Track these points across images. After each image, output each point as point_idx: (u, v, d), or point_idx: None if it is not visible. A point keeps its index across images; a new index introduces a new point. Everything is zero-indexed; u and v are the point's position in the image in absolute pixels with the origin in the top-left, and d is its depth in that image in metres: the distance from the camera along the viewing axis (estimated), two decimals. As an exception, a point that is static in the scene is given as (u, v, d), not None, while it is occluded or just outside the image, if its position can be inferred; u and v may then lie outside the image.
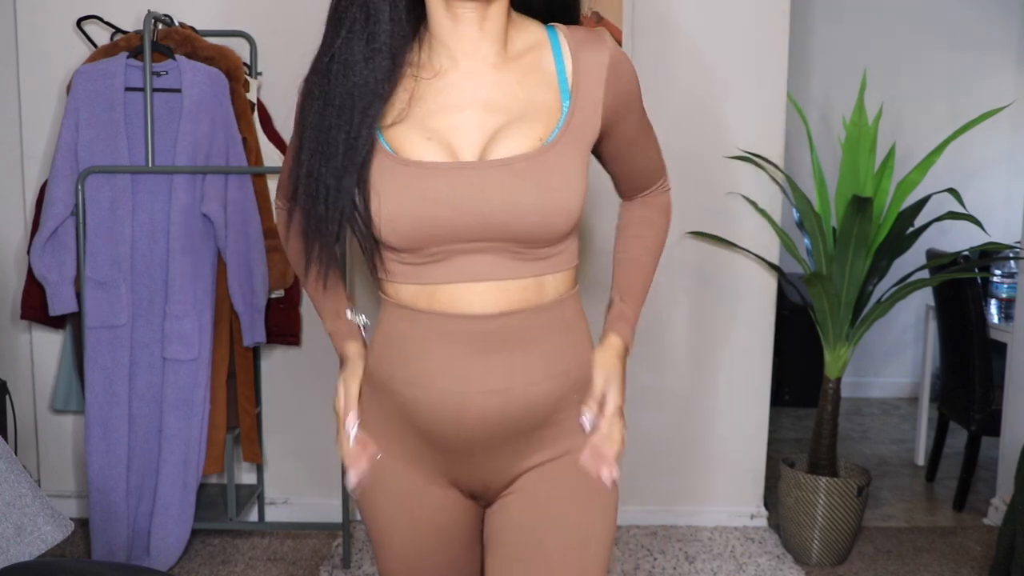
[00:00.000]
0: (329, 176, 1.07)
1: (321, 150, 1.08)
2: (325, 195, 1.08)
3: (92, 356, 2.57)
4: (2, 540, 1.65)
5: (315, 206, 1.09)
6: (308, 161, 1.09)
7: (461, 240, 1.08)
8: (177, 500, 2.61)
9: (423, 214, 1.07)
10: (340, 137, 1.07)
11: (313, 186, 1.08)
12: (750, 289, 2.95)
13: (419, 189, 1.07)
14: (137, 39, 2.59)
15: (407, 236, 1.08)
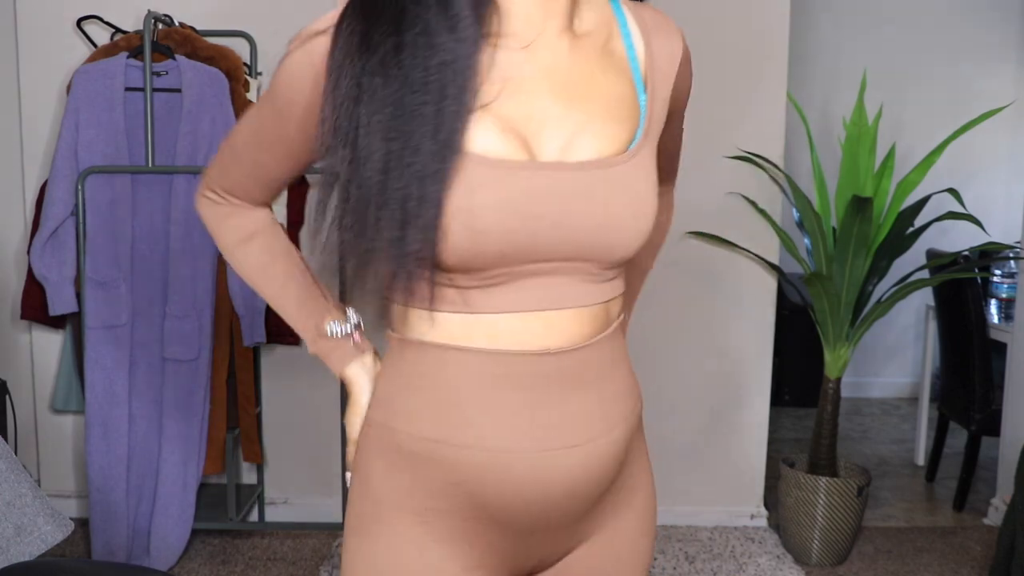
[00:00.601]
0: (410, 184, 0.81)
1: (394, 151, 0.81)
2: (402, 210, 0.81)
3: (92, 356, 2.57)
4: (2, 540, 1.65)
5: (382, 225, 0.81)
6: (368, 167, 0.81)
7: (538, 259, 0.86)
8: (177, 500, 2.61)
9: (504, 226, 0.84)
10: (426, 133, 0.81)
11: (380, 198, 0.81)
12: (750, 289, 2.95)
13: (501, 194, 0.84)
14: (137, 39, 2.59)
15: (477, 253, 0.84)
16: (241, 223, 1.04)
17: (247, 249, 1.04)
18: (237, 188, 1.02)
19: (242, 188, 1.02)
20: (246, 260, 1.04)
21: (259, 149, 0.97)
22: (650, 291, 3.17)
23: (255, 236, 1.04)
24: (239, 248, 1.04)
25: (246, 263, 1.04)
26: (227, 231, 1.04)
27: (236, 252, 1.04)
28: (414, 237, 0.81)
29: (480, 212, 0.83)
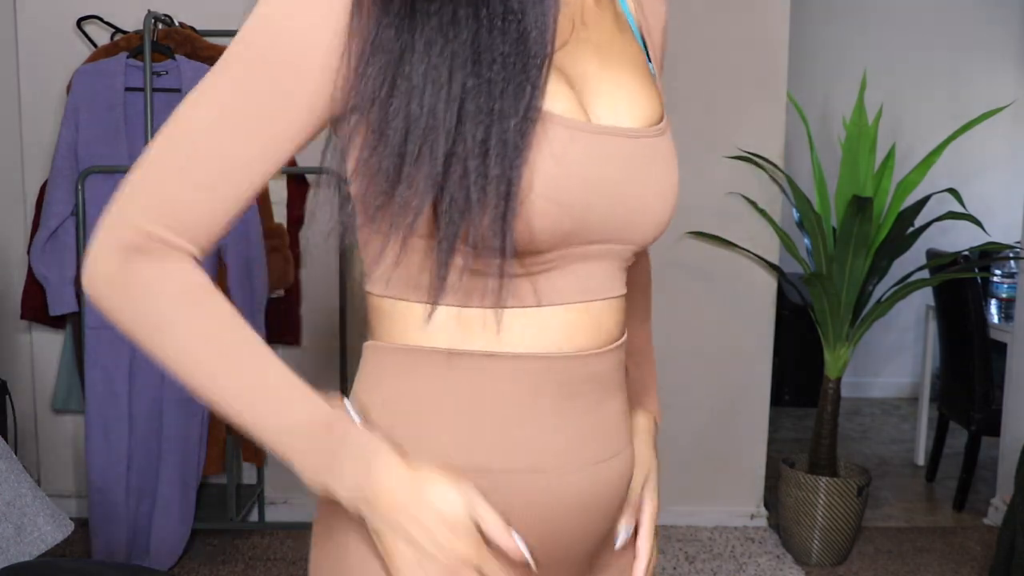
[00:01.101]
0: (489, 138, 0.66)
1: (469, 100, 0.66)
2: (481, 186, 0.66)
3: (92, 356, 2.57)
4: (2, 540, 1.65)
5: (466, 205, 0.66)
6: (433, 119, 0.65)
7: (592, 239, 0.74)
8: (177, 500, 2.61)
9: (582, 199, 0.71)
10: (505, 78, 0.66)
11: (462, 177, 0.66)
12: (750, 289, 2.95)
13: (580, 160, 0.72)
14: (137, 39, 2.59)
15: (552, 231, 0.71)
16: (184, 278, 0.70)
17: (194, 316, 0.72)
18: (187, 216, 0.69)
19: (195, 214, 0.69)
20: (195, 334, 0.72)
21: (233, 139, 0.68)
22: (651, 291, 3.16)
23: (204, 297, 0.72)
24: (182, 313, 0.71)
25: (196, 339, 0.72)
26: (163, 291, 0.70)
27: (177, 324, 0.72)
28: (494, 209, 0.66)
29: (565, 181, 0.70)
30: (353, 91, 0.67)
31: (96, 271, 0.72)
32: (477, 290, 0.71)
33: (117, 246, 0.70)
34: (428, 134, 0.66)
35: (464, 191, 0.66)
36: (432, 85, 0.66)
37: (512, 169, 0.66)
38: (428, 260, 0.70)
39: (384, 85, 0.66)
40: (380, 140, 0.67)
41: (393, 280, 0.74)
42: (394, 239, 0.68)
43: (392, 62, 0.66)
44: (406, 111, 0.66)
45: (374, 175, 0.67)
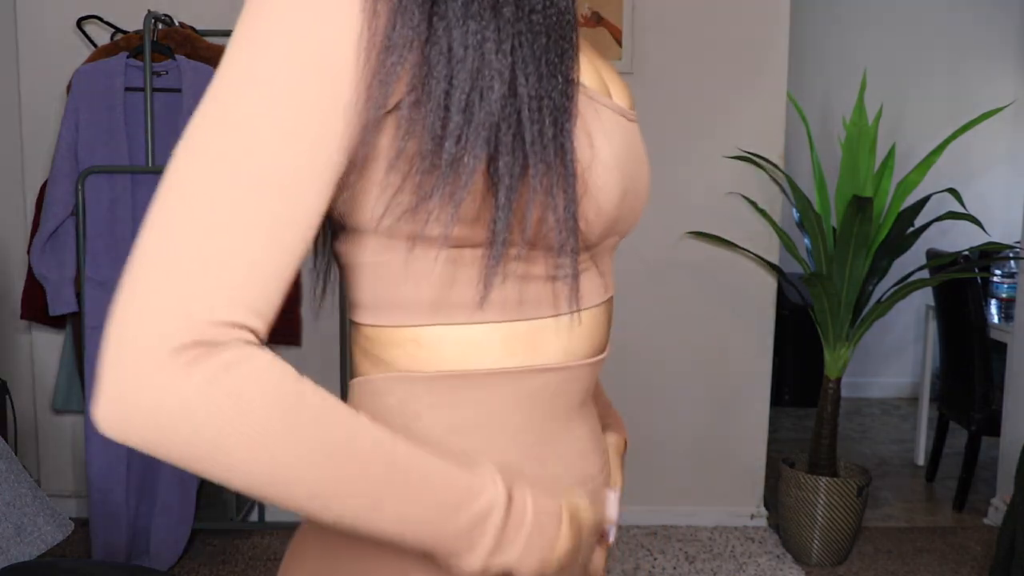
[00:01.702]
0: (546, 122, 0.62)
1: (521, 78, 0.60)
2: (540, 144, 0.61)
3: (92, 356, 2.57)
4: (2, 540, 1.65)
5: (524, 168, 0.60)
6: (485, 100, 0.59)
7: (620, 231, 0.73)
8: (177, 500, 2.61)
9: (624, 185, 0.68)
10: (555, 85, 0.62)
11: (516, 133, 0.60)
12: (750, 289, 2.95)
13: (623, 143, 0.69)
14: (137, 39, 2.59)
15: (609, 218, 0.68)
16: (280, 375, 0.55)
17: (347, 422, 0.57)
18: (269, 297, 0.55)
19: (275, 292, 0.55)
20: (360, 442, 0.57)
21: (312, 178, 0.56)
22: (650, 291, 3.18)
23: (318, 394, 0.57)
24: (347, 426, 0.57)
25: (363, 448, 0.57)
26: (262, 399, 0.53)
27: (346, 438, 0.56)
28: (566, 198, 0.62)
29: (618, 165, 0.67)
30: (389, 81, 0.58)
31: (153, 362, 0.51)
32: (530, 299, 0.66)
33: (170, 352, 0.51)
34: (477, 78, 0.59)
35: (520, 152, 0.60)
36: (472, 24, 0.59)
37: (563, 133, 0.62)
38: (475, 271, 0.63)
39: (417, 43, 0.58)
40: (423, 96, 0.58)
41: (423, 303, 0.65)
42: (443, 209, 0.59)
43: (422, 31, 0.58)
44: (448, 61, 0.58)
45: (420, 137, 0.59)
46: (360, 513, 0.56)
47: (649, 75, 2.85)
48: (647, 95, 2.84)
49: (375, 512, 0.57)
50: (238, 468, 0.53)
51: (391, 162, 0.60)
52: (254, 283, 0.54)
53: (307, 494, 0.55)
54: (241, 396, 0.52)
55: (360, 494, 0.56)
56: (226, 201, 0.53)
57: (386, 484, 0.57)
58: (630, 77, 2.84)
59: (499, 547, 0.60)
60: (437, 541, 0.59)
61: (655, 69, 2.85)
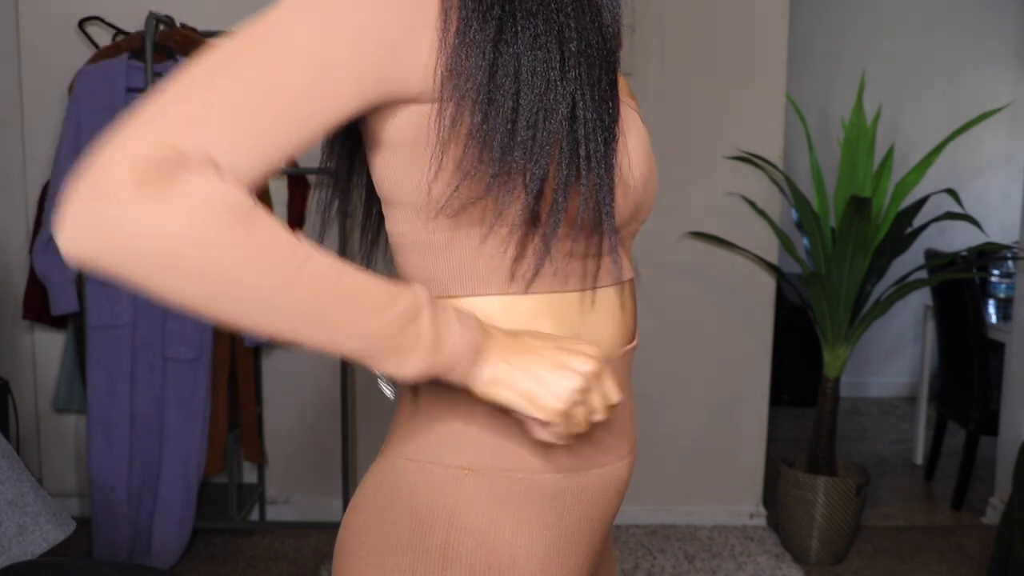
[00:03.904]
0: (606, 121, 0.72)
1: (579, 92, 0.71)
2: (596, 145, 0.71)
3: (94, 356, 2.58)
4: (4, 539, 1.66)
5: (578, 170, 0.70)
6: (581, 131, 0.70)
7: (642, 216, 0.83)
8: (178, 499, 2.62)
9: (651, 174, 0.81)
10: (606, 109, 0.72)
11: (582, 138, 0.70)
12: (749, 289, 2.96)
13: (641, 136, 0.80)
14: (139, 40, 2.59)
15: (637, 204, 0.79)
16: (228, 192, 0.61)
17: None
18: (234, 141, 0.62)
19: (244, 145, 0.62)
20: (316, 265, 0.64)
21: (306, 83, 0.63)
22: (650, 291, 3.19)
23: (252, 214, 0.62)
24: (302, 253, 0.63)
25: (317, 270, 0.64)
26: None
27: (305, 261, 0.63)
28: (603, 170, 0.72)
29: (644, 157, 0.79)
30: (450, 74, 0.67)
31: (105, 180, 0.58)
32: (574, 273, 0.75)
33: (132, 164, 0.58)
34: (543, 100, 0.68)
35: (584, 151, 0.70)
36: (539, 53, 0.68)
37: (611, 152, 0.72)
38: (523, 246, 0.72)
39: (486, 60, 0.67)
40: (491, 108, 0.67)
41: (458, 275, 0.74)
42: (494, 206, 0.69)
43: (491, 39, 0.67)
44: (515, 79, 0.68)
45: (486, 143, 0.68)
46: (295, 323, 0.63)
47: (649, 75, 2.86)
48: (647, 95, 2.84)
49: (311, 320, 0.63)
50: (181, 279, 0.58)
51: (451, 155, 0.69)
52: (234, 138, 0.61)
53: (246, 302, 0.60)
54: (191, 208, 0.58)
55: (295, 302, 0.62)
56: (235, 75, 0.62)
57: (319, 291, 0.62)
58: (630, 78, 2.84)
59: (436, 345, 0.66)
60: (369, 344, 0.65)
61: (655, 69, 2.86)
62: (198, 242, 0.58)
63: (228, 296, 0.60)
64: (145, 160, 0.57)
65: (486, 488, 0.74)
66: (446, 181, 0.70)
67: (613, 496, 0.81)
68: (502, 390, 0.69)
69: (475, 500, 0.73)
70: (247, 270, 0.59)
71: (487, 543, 0.73)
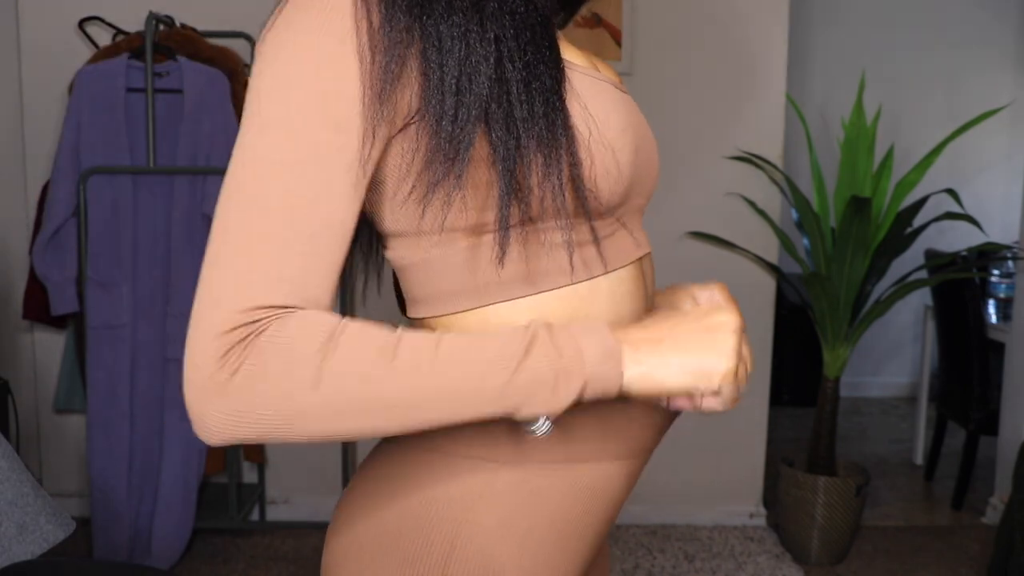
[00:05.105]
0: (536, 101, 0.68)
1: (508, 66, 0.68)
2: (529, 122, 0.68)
3: (94, 356, 2.58)
4: (4, 539, 1.66)
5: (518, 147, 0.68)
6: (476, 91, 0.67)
7: (641, 192, 0.79)
8: (179, 499, 2.62)
9: (641, 148, 0.76)
10: (534, 52, 0.69)
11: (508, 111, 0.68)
12: (749, 289, 2.96)
13: (627, 110, 0.76)
14: (139, 40, 2.60)
15: (627, 178, 0.74)
16: (319, 321, 0.63)
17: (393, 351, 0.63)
18: (301, 283, 0.63)
19: (314, 284, 0.64)
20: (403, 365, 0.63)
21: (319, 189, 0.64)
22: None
23: (353, 331, 0.64)
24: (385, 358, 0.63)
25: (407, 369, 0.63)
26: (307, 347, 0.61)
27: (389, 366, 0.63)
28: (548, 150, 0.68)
29: (629, 126, 0.74)
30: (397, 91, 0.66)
31: (202, 386, 0.60)
32: (556, 268, 0.72)
33: (220, 343, 0.60)
34: (465, 63, 0.66)
35: (513, 128, 0.67)
36: (456, 17, 0.66)
37: (555, 111, 0.68)
38: (508, 243, 0.70)
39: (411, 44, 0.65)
40: (425, 83, 0.66)
41: (461, 290, 0.72)
42: (452, 192, 0.67)
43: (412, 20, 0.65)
44: (439, 51, 0.66)
45: (430, 122, 0.66)
46: (422, 413, 0.63)
47: (649, 76, 2.86)
48: (646, 96, 2.84)
49: (434, 404, 0.63)
50: (305, 426, 0.61)
51: (405, 165, 0.68)
52: (289, 275, 0.62)
53: (381, 418, 0.62)
54: (267, 364, 0.60)
55: (404, 393, 0.62)
56: (258, 220, 0.62)
57: (423, 377, 0.62)
58: (630, 78, 2.85)
59: (570, 367, 0.64)
60: (506, 398, 0.64)
61: (655, 70, 2.86)
62: (295, 384, 0.60)
63: (348, 417, 0.62)
64: (221, 342, 0.60)
65: (486, 477, 0.73)
66: (414, 185, 0.69)
67: (617, 491, 0.79)
68: (664, 380, 0.68)
69: (480, 490, 0.73)
70: (346, 388, 0.61)
71: (483, 532, 0.73)
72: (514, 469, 0.73)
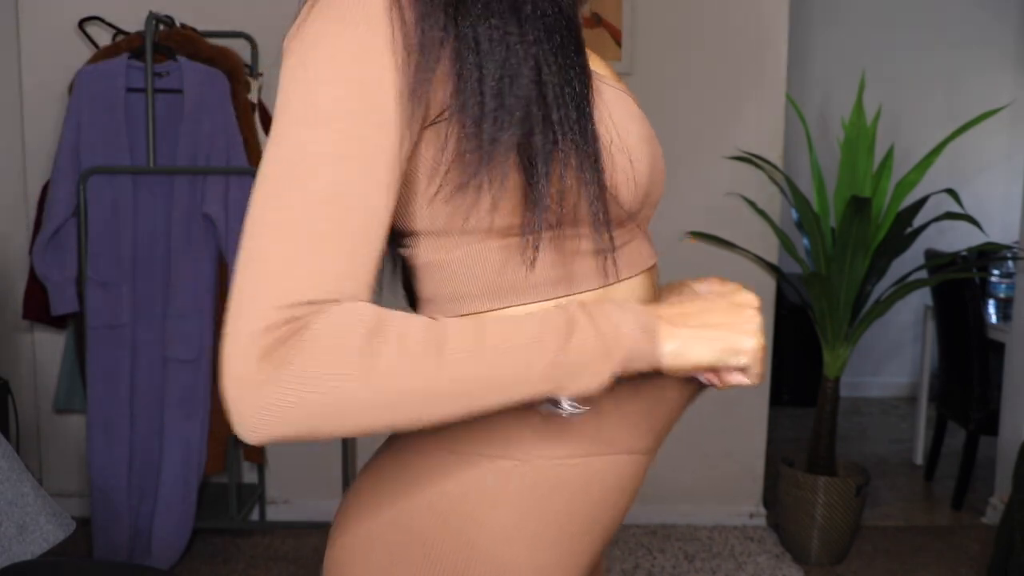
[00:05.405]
0: (570, 106, 0.69)
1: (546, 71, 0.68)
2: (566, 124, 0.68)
3: (94, 356, 2.58)
4: (4, 539, 1.66)
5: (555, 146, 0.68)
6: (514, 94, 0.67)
7: (653, 201, 0.80)
8: (179, 499, 2.62)
9: (655, 159, 0.77)
10: (574, 75, 0.70)
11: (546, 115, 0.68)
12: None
13: (641, 121, 0.77)
14: (139, 40, 2.60)
15: (644, 188, 0.75)
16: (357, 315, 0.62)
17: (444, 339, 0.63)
18: (347, 282, 0.63)
19: (353, 278, 0.63)
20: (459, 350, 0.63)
21: (359, 187, 0.63)
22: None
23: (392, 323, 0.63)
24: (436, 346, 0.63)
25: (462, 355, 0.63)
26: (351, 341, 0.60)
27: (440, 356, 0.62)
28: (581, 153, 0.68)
29: (646, 138, 0.76)
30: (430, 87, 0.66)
31: (244, 385, 0.59)
32: (579, 274, 0.73)
33: (260, 342, 0.59)
34: (506, 66, 0.66)
35: (550, 131, 0.67)
36: (494, 20, 0.66)
37: (585, 116, 0.69)
38: (528, 248, 0.70)
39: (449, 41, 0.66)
40: (460, 84, 0.66)
41: (480, 291, 0.72)
42: (487, 191, 0.67)
43: (445, 22, 0.65)
44: (476, 51, 0.66)
45: (464, 124, 0.66)
46: (469, 401, 0.63)
47: (649, 76, 2.86)
48: (646, 96, 2.84)
49: (482, 390, 0.63)
50: (355, 419, 0.60)
51: (435, 163, 0.68)
52: (329, 270, 0.61)
53: (415, 406, 0.61)
54: (314, 359, 0.59)
55: (455, 384, 0.62)
56: (296, 215, 0.61)
57: (470, 363, 0.62)
58: (630, 78, 2.85)
59: (610, 346, 0.65)
60: (549, 379, 0.64)
61: (655, 70, 2.86)
62: (344, 378, 0.59)
63: (399, 409, 0.61)
64: (264, 339, 0.59)
65: (499, 475, 0.73)
66: (442, 184, 0.69)
67: (627, 488, 0.80)
68: (696, 355, 0.69)
69: (487, 488, 0.73)
70: (397, 380, 0.60)
71: (499, 532, 0.73)
72: (528, 466, 0.73)
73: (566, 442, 0.74)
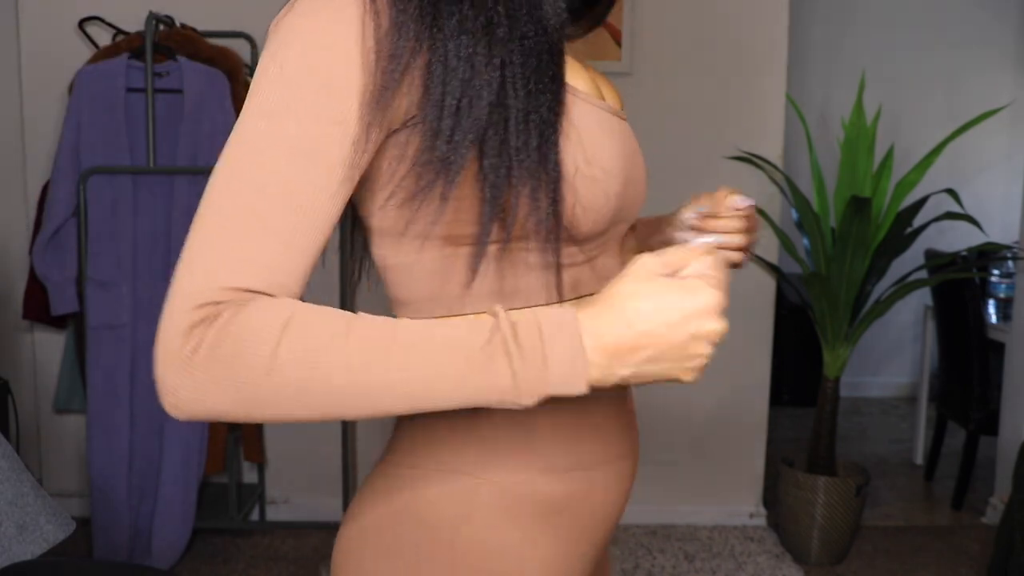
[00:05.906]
0: (532, 130, 0.68)
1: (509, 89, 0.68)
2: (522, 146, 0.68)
3: (94, 356, 2.58)
4: (4, 539, 1.65)
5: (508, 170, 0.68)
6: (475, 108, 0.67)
7: (627, 217, 0.80)
8: (179, 499, 2.62)
9: (627, 175, 0.76)
10: (538, 78, 0.69)
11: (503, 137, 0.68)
12: (749, 289, 2.96)
13: (622, 140, 0.77)
14: (139, 40, 2.60)
15: (614, 207, 0.75)
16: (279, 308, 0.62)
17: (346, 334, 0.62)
18: (271, 267, 0.63)
19: (278, 265, 0.63)
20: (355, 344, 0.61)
21: (305, 180, 0.64)
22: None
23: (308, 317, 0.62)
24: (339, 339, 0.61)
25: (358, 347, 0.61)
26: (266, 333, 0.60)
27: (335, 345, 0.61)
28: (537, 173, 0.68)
29: (621, 155, 0.75)
30: (398, 93, 0.66)
31: (168, 358, 0.60)
32: (524, 288, 0.73)
33: (188, 318, 0.60)
34: (467, 87, 0.66)
35: (506, 156, 0.67)
36: (464, 38, 0.66)
37: (548, 144, 0.68)
38: (476, 260, 0.70)
39: (418, 56, 0.66)
40: (424, 97, 0.66)
41: (428, 296, 0.73)
42: (439, 203, 0.67)
43: (421, 31, 0.66)
44: (444, 66, 0.66)
45: (424, 135, 0.67)
46: (386, 399, 0.61)
47: (648, 75, 2.86)
48: (646, 95, 2.85)
49: (401, 389, 0.61)
50: (260, 410, 0.61)
51: (393, 168, 0.69)
52: (261, 260, 0.62)
53: (335, 404, 0.61)
54: (222, 347, 0.59)
55: (372, 386, 0.60)
56: (243, 203, 0.63)
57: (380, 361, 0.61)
58: (629, 77, 2.85)
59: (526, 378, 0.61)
60: (468, 397, 0.62)
61: (654, 69, 2.86)
62: (253, 369, 0.59)
63: (305, 401, 0.60)
64: (192, 320, 0.60)
65: (493, 495, 0.74)
66: (395, 190, 0.70)
67: (617, 496, 0.81)
68: (630, 380, 0.65)
69: (481, 507, 0.73)
70: (300, 371, 0.60)
71: (495, 551, 0.73)
72: (494, 481, 0.74)
73: (552, 462, 0.75)
